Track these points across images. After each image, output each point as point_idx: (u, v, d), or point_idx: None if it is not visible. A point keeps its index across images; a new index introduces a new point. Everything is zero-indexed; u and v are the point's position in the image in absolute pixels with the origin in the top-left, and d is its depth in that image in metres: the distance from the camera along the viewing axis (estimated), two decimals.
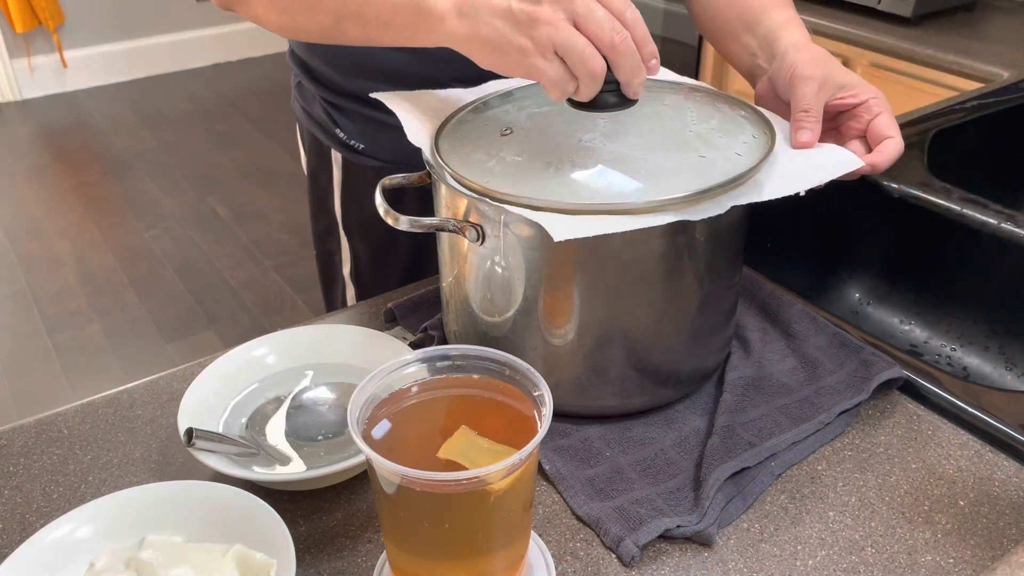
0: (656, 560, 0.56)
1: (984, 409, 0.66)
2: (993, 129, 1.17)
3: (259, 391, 0.69)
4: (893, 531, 0.58)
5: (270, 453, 0.63)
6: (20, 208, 3.03)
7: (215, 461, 0.59)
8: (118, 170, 3.29)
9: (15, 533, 0.59)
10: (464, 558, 0.51)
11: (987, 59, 1.54)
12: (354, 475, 0.62)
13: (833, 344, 0.73)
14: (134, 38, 4.11)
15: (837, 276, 1.05)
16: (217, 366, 0.68)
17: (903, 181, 0.98)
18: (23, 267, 2.68)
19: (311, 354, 0.71)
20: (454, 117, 0.69)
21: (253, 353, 0.71)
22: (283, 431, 0.65)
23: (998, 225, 0.91)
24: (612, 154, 0.62)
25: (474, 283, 0.65)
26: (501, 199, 0.58)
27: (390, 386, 0.52)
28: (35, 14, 3.75)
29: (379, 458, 0.45)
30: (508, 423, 0.51)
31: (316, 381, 0.70)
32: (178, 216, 2.97)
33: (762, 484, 0.61)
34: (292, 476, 0.61)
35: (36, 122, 3.71)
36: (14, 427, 0.68)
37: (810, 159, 0.66)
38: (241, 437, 0.64)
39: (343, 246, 1.02)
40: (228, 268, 2.69)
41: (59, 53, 3.90)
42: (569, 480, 0.61)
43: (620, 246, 0.60)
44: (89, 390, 2.16)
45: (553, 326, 0.63)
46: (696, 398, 0.70)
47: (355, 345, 0.71)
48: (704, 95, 0.71)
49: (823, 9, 1.83)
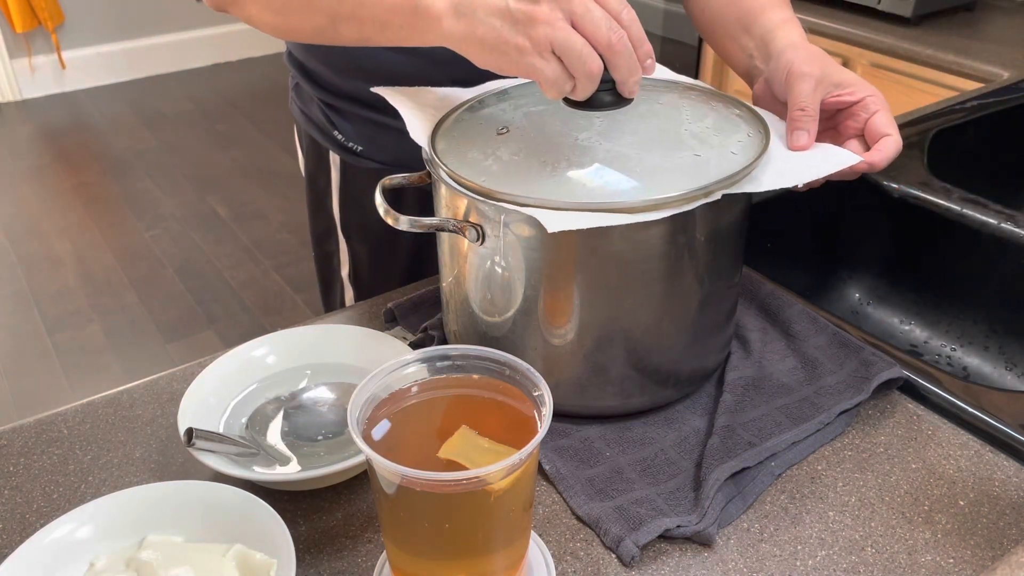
0: (656, 560, 0.56)
1: (984, 409, 0.66)
2: (993, 129, 1.17)
3: (259, 391, 0.69)
4: (893, 531, 0.58)
5: (270, 453, 0.63)
6: (20, 208, 3.03)
7: (215, 461, 0.59)
8: (118, 170, 3.29)
9: (15, 533, 0.59)
10: (464, 558, 0.51)
11: (987, 59, 1.54)
12: (354, 475, 0.62)
13: (833, 344, 0.73)
14: (134, 38, 4.11)
15: (837, 276, 1.05)
16: (217, 366, 0.68)
17: (903, 181, 0.98)
18: (23, 267, 2.68)
19: (311, 354, 0.71)
20: (450, 116, 0.69)
21: (253, 353, 0.71)
22: (283, 431, 0.65)
23: (998, 225, 0.91)
24: (608, 153, 0.62)
25: (474, 283, 0.65)
26: (500, 198, 0.58)
27: (390, 386, 0.52)
28: (35, 14, 3.75)
29: (379, 458, 0.45)
30: (508, 423, 0.51)
31: (316, 381, 0.70)
32: (178, 216, 2.97)
33: (762, 484, 0.61)
34: (292, 476, 0.61)
35: (36, 122, 3.71)
36: (14, 427, 0.68)
37: (806, 157, 0.66)
38: (241, 437, 0.64)
39: (341, 248, 1.02)
40: (228, 268, 2.69)
41: (58, 53, 3.90)
42: (569, 480, 0.61)
43: (620, 246, 0.60)
44: (89, 390, 2.16)
45: (553, 326, 0.63)
46: (696, 398, 0.70)
47: (355, 345, 0.71)
48: (699, 94, 0.71)
49: (823, 9, 1.83)
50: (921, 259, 0.99)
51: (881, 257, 1.02)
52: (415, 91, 0.73)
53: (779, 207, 0.96)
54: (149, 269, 2.68)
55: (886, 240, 1.01)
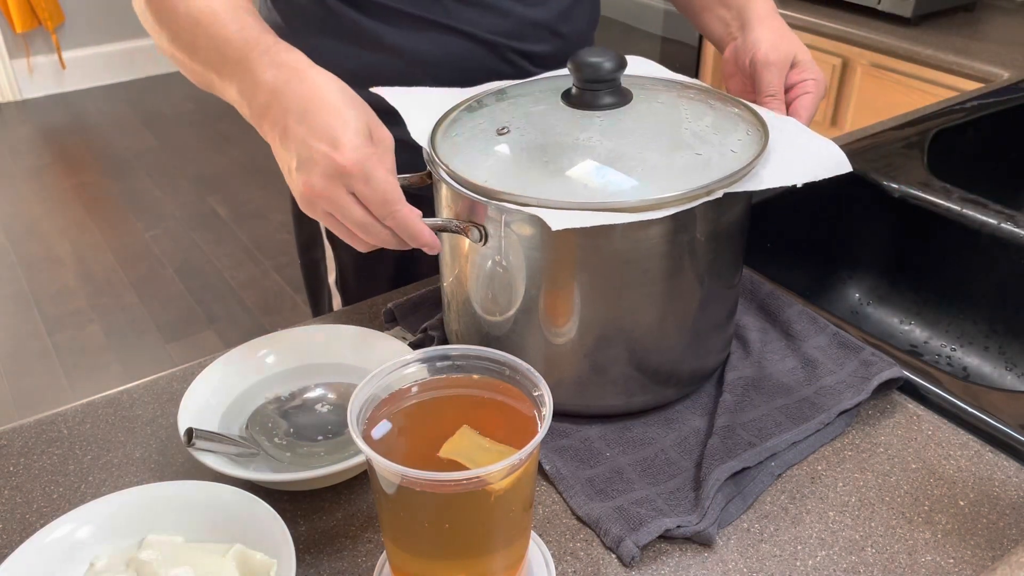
0: (656, 560, 0.56)
1: (984, 409, 0.66)
2: (993, 129, 1.17)
3: (259, 391, 0.69)
4: (893, 531, 0.58)
5: (270, 453, 0.63)
6: (20, 208, 3.03)
7: (215, 461, 0.59)
8: (118, 170, 3.29)
9: (15, 533, 0.59)
10: (464, 558, 0.51)
11: (987, 59, 1.54)
12: (354, 475, 0.62)
13: (833, 344, 0.73)
14: (134, 38, 4.11)
15: (837, 276, 1.05)
16: (217, 366, 0.68)
17: (903, 181, 0.98)
18: (23, 267, 2.68)
19: (311, 354, 0.71)
20: (448, 116, 0.69)
21: (253, 353, 0.71)
22: (283, 431, 0.65)
23: (998, 225, 0.91)
24: (610, 152, 0.62)
25: (476, 282, 0.65)
26: (503, 198, 0.58)
27: (390, 386, 0.52)
28: (35, 14, 3.75)
29: (379, 458, 0.45)
30: (508, 423, 0.51)
31: (316, 381, 0.70)
32: (178, 216, 2.97)
33: (762, 484, 0.61)
34: (292, 476, 0.61)
35: (36, 122, 3.71)
36: (14, 427, 0.68)
37: (804, 157, 0.66)
38: (241, 437, 0.64)
39: (328, 255, 1.02)
40: (228, 268, 2.69)
41: (58, 53, 3.90)
42: (569, 480, 0.61)
43: (622, 245, 0.60)
44: (89, 390, 2.16)
45: (554, 325, 0.63)
46: (696, 398, 0.70)
47: (355, 345, 0.71)
48: (696, 92, 0.71)
49: (823, 9, 1.83)
50: (921, 259, 0.99)
51: (881, 257, 1.02)
52: (415, 91, 0.73)
53: (779, 207, 0.96)
54: (149, 269, 2.68)
55: (886, 240, 1.01)
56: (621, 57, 0.65)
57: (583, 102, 0.65)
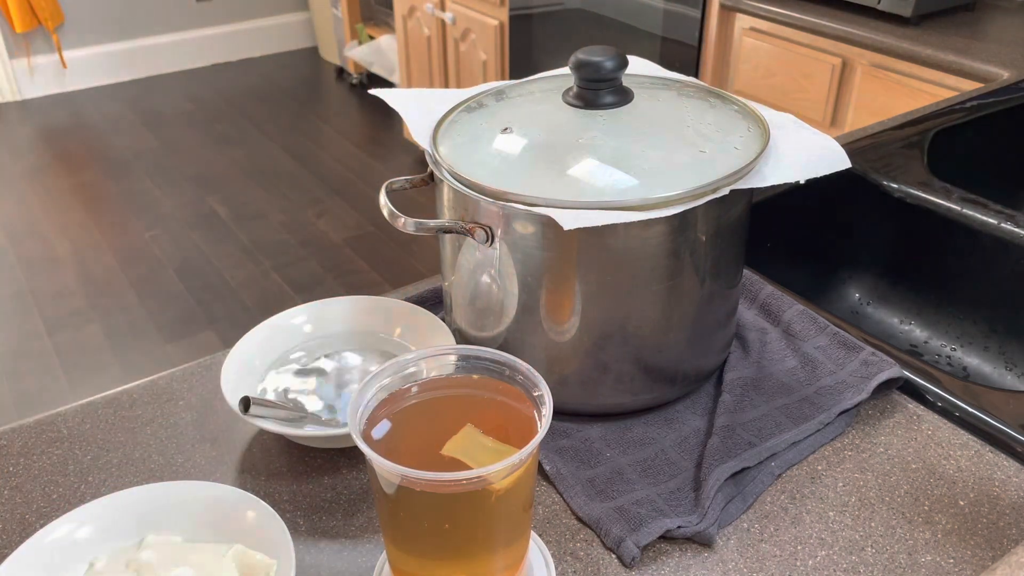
0: (656, 560, 0.56)
1: (984, 409, 0.66)
2: (993, 129, 1.17)
3: (295, 358, 0.72)
4: (893, 531, 0.58)
5: (317, 414, 0.66)
6: (20, 208, 3.03)
7: (273, 425, 0.62)
8: (118, 170, 3.30)
9: (15, 533, 0.59)
10: (464, 558, 0.51)
11: (987, 59, 1.54)
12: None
13: (833, 344, 0.73)
14: (134, 38, 4.11)
15: (837, 276, 1.05)
16: (255, 334, 0.71)
17: (903, 181, 0.98)
18: (23, 267, 2.68)
19: (346, 323, 0.74)
20: (447, 117, 0.69)
21: (290, 321, 0.74)
22: (319, 396, 0.68)
23: (998, 225, 0.91)
24: (614, 151, 0.62)
25: (477, 282, 0.65)
26: (511, 199, 0.58)
27: (390, 386, 0.52)
28: (35, 14, 3.75)
29: (379, 458, 0.45)
30: (508, 423, 0.51)
31: (350, 347, 0.73)
32: (178, 216, 2.97)
33: (762, 484, 0.61)
34: (343, 431, 0.62)
35: (36, 122, 3.71)
36: (14, 427, 0.68)
37: (804, 153, 0.66)
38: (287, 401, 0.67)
39: None
40: (228, 268, 2.69)
41: (58, 53, 3.90)
42: (569, 480, 0.62)
43: (627, 244, 0.60)
44: (89, 390, 2.16)
45: (557, 324, 0.63)
46: (696, 398, 0.70)
47: (389, 315, 0.74)
48: (696, 91, 0.71)
49: (823, 9, 1.83)
50: (921, 259, 0.99)
51: (881, 257, 1.02)
52: (414, 92, 0.73)
53: (779, 207, 0.96)
54: (149, 269, 2.68)
55: (886, 240, 1.01)
56: (622, 56, 0.65)
57: (584, 101, 0.65)
